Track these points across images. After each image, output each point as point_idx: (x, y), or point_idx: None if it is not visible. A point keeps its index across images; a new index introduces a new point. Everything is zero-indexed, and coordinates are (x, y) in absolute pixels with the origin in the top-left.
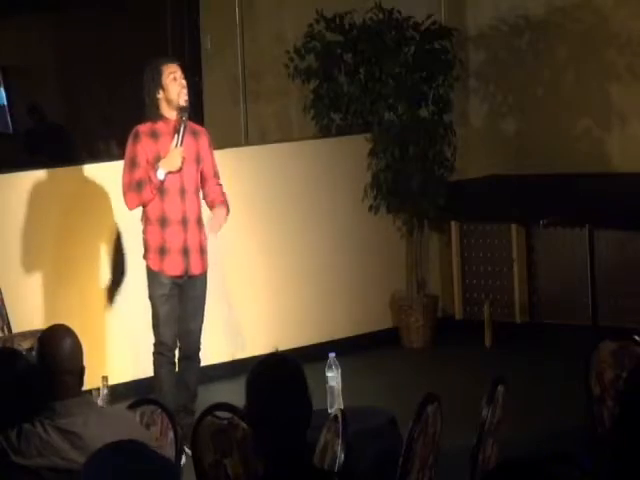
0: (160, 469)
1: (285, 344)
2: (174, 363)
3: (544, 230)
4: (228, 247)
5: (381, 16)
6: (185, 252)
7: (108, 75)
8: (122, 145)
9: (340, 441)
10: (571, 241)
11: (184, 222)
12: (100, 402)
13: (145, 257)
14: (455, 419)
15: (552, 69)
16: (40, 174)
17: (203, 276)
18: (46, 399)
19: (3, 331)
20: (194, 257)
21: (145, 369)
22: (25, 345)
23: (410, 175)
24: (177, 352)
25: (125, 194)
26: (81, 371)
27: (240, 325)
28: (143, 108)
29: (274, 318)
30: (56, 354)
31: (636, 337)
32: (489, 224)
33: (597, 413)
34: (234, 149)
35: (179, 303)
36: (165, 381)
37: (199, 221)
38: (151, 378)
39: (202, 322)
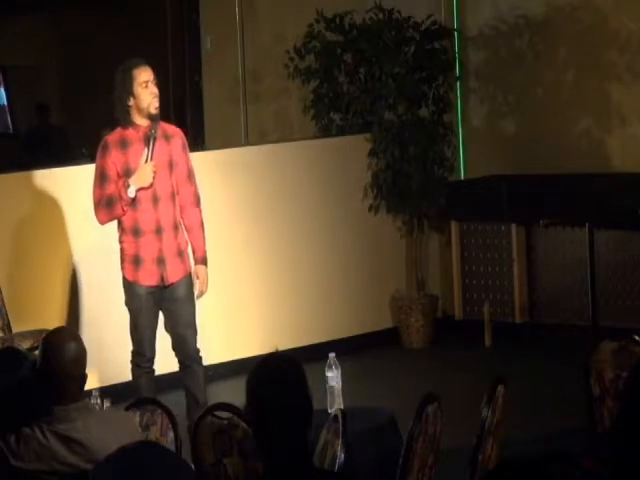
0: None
1: (285, 344)
2: (152, 372)
3: (544, 230)
4: (227, 247)
5: (381, 16)
6: (160, 261)
7: (108, 75)
8: None
9: (340, 441)
10: (571, 241)
11: (158, 231)
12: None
13: (121, 267)
14: (455, 419)
15: (552, 69)
16: (40, 174)
17: (184, 280)
18: (46, 404)
19: (3, 331)
20: (171, 265)
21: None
22: (25, 345)
23: (410, 175)
24: (179, 362)
25: (96, 209)
26: (83, 377)
27: (240, 325)
28: (113, 112)
29: (274, 318)
30: (59, 359)
31: (636, 337)
32: (489, 224)
33: (597, 413)
34: (234, 149)
35: (164, 311)
36: (143, 391)
37: (175, 227)
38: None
39: (193, 326)
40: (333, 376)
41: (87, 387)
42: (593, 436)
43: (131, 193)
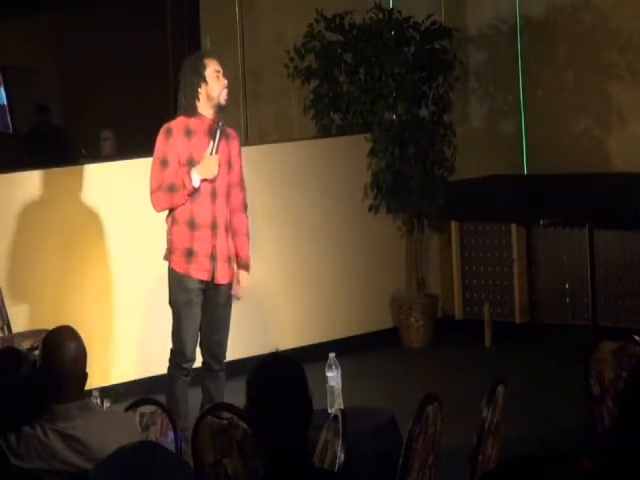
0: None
1: (285, 344)
2: (189, 375)
3: (544, 230)
4: None
5: (381, 16)
6: (213, 257)
7: (108, 75)
8: (120, 144)
9: (340, 441)
10: (571, 241)
11: (213, 227)
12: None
13: (168, 259)
14: (455, 419)
15: (552, 69)
16: (40, 174)
17: (229, 286)
18: (46, 403)
19: (3, 331)
20: (221, 265)
21: (146, 369)
22: (25, 345)
23: (410, 175)
24: (203, 364)
25: (154, 196)
26: (83, 377)
27: (240, 325)
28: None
29: (274, 318)
30: (59, 359)
31: (636, 337)
32: (489, 224)
33: (597, 413)
34: None
35: (203, 312)
36: (179, 395)
37: (227, 228)
38: (151, 378)
39: (227, 334)
40: (333, 376)
41: (88, 386)
42: (593, 436)
43: (195, 182)
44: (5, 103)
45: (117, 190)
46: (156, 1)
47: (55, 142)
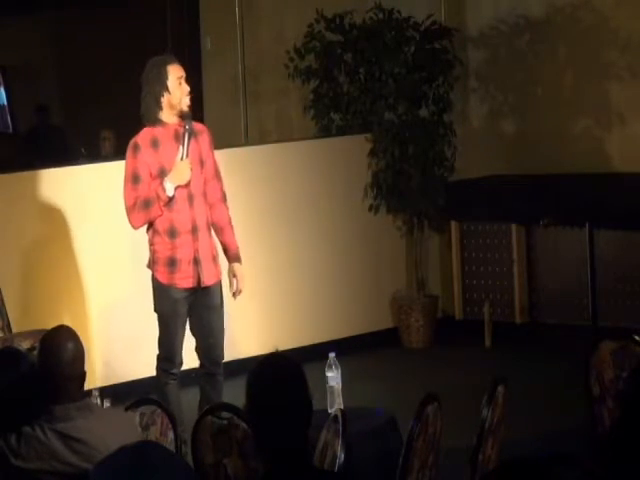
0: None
1: (285, 344)
2: (177, 378)
3: (544, 230)
4: None
5: (381, 16)
6: (196, 262)
7: (108, 75)
8: (119, 144)
9: (340, 441)
10: (571, 241)
11: (194, 231)
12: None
13: (153, 269)
14: (455, 419)
15: (552, 69)
16: (40, 174)
17: (218, 286)
18: (46, 403)
19: (3, 331)
20: (206, 266)
21: (143, 370)
22: (25, 345)
23: (410, 175)
24: (201, 365)
25: (130, 213)
26: (82, 376)
27: (240, 325)
28: (138, 109)
29: (274, 318)
30: (57, 360)
31: (636, 337)
32: (489, 224)
33: (597, 413)
34: (234, 149)
35: (194, 316)
36: (172, 398)
37: (209, 227)
38: (151, 378)
39: (223, 335)
40: (333, 376)
41: (87, 386)
42: (593, 436)
43: (169, 192)
44: (5, 103)
45: (117, 190)
46: (156, 1)
47: (55, 142)
